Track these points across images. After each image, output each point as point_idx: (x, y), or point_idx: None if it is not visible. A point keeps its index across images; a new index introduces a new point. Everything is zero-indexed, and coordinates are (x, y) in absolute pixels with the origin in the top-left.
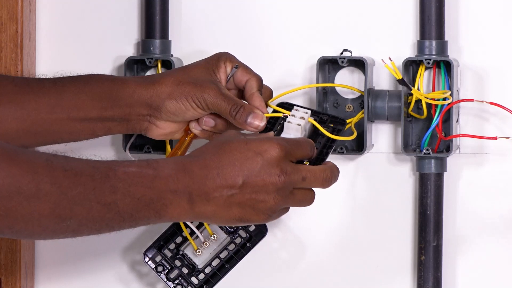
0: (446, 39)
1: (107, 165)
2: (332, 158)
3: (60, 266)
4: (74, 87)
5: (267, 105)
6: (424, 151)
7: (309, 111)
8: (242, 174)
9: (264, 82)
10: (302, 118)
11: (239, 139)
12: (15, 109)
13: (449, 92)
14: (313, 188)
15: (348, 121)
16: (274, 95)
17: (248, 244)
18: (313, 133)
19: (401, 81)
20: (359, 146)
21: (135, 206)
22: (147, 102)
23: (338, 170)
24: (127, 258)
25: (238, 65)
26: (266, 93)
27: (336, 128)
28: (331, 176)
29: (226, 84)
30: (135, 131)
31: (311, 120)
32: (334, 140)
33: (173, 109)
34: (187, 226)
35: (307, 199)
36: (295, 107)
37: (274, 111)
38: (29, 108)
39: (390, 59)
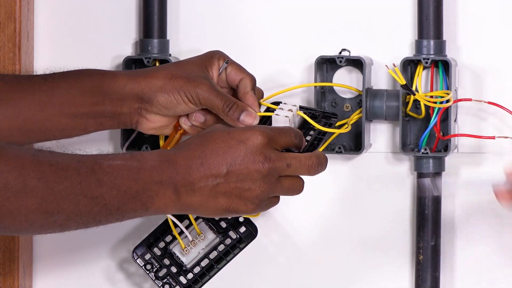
0: (444, 38)
1: (93, 159)
2: (330, 158)
3: (58, 265)
4: (64, 82)
5: (259, 104)
6: (422, 150)
7: (297, 105)
8: (225, 163)
9: (262, 82)
10: (290, 110)
11: (222, 129)
12: (6, 107)
13: (451, 94)
14: (304, 178)
15: (345, 120)
16: (271, 94)
17: (238, 246)
18: (303, 127)
19: (404, 87)
20: (357, 146)
21: (121, 199)
22: (138, 95)
23: (325, 158)
24: (127, 257)
25: (229, 61)
26: (257, 94)
27: (328, 122)
28: (317, 162)
29: (217, 80)
30: (126, 125)
31: (300, 112)
32: (325, 133)
33: (164, 103)
34: (176, 225)
35: (295, 187)
36: (283, 102)
37: (266, 109)
38: (21, 105)
39: (394, 65)
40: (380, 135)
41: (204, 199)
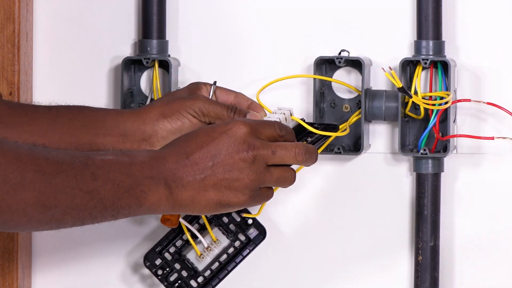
0: (443, 39)
1: (85, 154)
2: (329, 159)
3: (57, 266)
4: (68, 113)
5: None
6: (421, 151)
7: (291, 110)
8: (210, 155)
9: (261, 83)
10: (283, 114)
11: (206, 126)
12: (6, 130)
13: (451, 95)
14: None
15: (343, 125)
16: (270, 95)
17: (247, 248)
18: (299, 134)
19: (401, 89)
20: (356, 146)
21: (115, 193)
22: (140, 128)
23: (314, 149)
24: (127, 260)
25: (216, 82)
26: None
27: (327, 131)
28: (304, 150)
29: None
30: None
31: (294, 117)
32: (321, 138)
33: (169, 127)
34: (189, 230)
35: (286, 176)
36: (277, 107)
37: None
38: (21, 131)
39: (390, 68)
40: (379, 136)
41: (194, 194)
